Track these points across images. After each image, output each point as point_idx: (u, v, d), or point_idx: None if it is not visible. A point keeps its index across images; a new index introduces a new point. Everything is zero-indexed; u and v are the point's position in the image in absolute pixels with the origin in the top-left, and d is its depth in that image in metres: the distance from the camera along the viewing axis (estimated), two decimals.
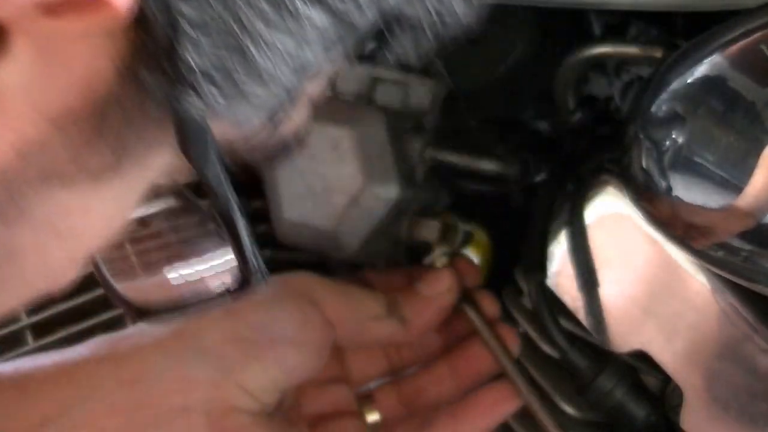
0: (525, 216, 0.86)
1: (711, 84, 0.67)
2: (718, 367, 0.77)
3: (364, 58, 0.85)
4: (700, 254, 0.70)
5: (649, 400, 0.82)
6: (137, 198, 0.51)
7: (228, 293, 0.62)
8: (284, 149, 0.53)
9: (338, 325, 0.80)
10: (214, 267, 0.64)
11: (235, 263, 0.58)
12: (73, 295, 1.02)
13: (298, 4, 0.45)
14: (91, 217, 0.50)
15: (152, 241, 0.82)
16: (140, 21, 0.43)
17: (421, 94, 0.84)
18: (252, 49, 0.45)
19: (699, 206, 0.68)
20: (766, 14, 0.66)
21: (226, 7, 0.44)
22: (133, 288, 0.68)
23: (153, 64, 0.45)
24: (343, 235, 0.83)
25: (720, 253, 0.69)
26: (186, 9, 0.43)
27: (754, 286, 0.71)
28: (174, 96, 0.46)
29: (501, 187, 0.89)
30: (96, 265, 0.63)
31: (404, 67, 0.84)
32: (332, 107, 0.83)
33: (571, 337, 0.82)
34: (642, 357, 0.80)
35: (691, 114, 0.68)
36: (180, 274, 0.72)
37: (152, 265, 0.72)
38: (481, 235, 0.87)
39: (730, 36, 0.67)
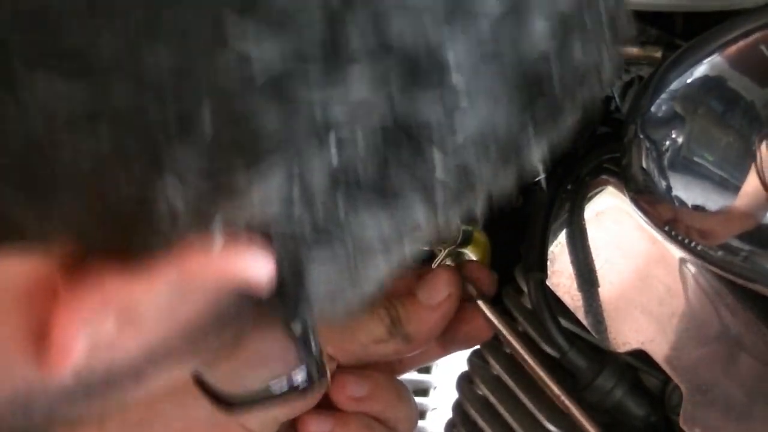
0: (525, 216, 0.85)
1: (711, 84, 0.67)
2: (718, 367, 0.76)
3: None
4: (700, 254, 0.70)
5: (649, 400, 0.82)
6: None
7: (295, 390, 0.67)
8: None
9: (338, 355, 0.82)
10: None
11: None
12: None
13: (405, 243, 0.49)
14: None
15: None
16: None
17: None
18: (362, 269, 0.49)
19: (698, 206, 0.68)
20: (765, 14, 0.66)
21: (346, 247, 0.48)
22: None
23: (275, 300, 0.50)
24: None
25: (720, 253, 0.69)
26: (314, 254, 0.47)
27: (754, 286, 0.71)
28: (289, 317, 0.53)
29: None
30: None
31: None
32: None
33: (571, 337, 0.82)
34: (642, 357, 0.80)
35: (690, 114, 0.68)
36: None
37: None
38: (480, 235, 0.87)
39: (729, 36, 0.67)
